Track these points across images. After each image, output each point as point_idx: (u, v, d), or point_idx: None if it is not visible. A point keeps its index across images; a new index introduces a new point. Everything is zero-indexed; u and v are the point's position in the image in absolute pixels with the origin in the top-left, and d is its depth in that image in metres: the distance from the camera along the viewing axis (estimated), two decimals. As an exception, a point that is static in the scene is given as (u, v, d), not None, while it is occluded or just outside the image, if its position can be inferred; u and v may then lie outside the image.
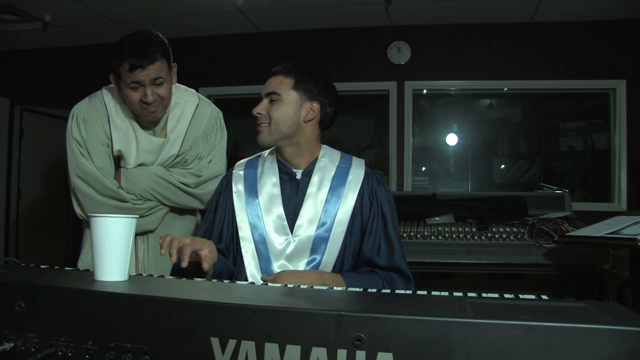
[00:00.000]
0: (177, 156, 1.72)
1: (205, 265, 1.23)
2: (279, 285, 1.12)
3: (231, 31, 4.50)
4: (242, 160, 1.56)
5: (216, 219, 1.48)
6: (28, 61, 4.97)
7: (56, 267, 1.12)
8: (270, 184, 1.45)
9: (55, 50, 4.90)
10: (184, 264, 1.19)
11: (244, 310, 0.71)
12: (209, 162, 1.76)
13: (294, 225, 1.40)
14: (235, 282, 1.19)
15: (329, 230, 1.39)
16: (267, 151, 1.53)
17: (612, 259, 2.87)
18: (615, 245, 2.02)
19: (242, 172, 1.50)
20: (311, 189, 1.42)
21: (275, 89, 1.42)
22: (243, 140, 4.65)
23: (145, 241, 1.73)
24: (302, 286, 0.99)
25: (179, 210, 1.79)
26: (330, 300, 0.87)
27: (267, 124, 1.42)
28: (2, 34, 4.42)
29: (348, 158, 1.50)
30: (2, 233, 4.99)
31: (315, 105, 1.44)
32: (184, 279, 1.17)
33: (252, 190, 1.46)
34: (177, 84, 1.71)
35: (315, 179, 1.43)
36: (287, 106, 1.41)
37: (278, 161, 1.48)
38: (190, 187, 1.71)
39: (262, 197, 1.44)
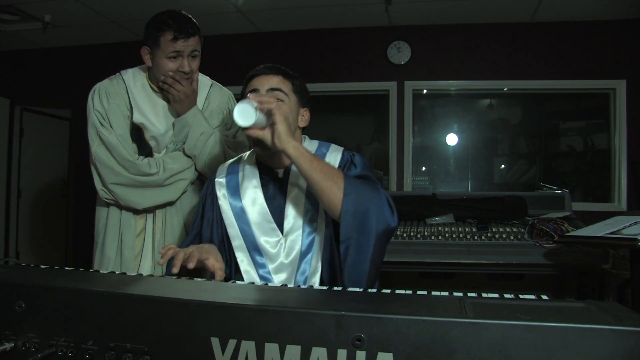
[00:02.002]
0: None
1: (218, 277, 1.19)
2: (278, 285, 1.12)
3: (231, 31, 4.50)
4: (223, 166, 1.50)
5: (203, 225, 1.43)
6: (28, 61, 4.97)
7: (56, 267, 1.12)
8: (251, 187, 1.40)
9: (55, 50, 4.90)
10: (191, 265, 1.16)
11: (244, 310, 0.71)
12: (237, 131, 1.84)
13: (283, 224, 1.36)
14: (235, 282, 1.19)
15: (315, 219, 1.35)
16: (247, 153, 1.48)
17: (612, 259, 2.87)
18: (615, 245, 2.02)
19: (223, 180, 1.43)
20: (292, 183, 1.37)
21: (280, 86, 1.34)
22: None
23: (163, 215, 1.78)
24: (301, 286, 0.99)
25: (196, 184, 1.84)
26: (330, 300, 0.87)
27: None
28: (2, 34, 4.42)
29: (325, 146, 1.44)
30: (2, 233, 4.99)
31: (307, 113, 1.40)
32: (183, 278, 1.18)
33: (236, 197, 1.40)
34: None
35: (294, 172, 1.37)
36: (291, 108, 1.35)
37: (258, 162, 1.43)
38: (230, 151, 1.76)
39: (246, 202, 1.39)
